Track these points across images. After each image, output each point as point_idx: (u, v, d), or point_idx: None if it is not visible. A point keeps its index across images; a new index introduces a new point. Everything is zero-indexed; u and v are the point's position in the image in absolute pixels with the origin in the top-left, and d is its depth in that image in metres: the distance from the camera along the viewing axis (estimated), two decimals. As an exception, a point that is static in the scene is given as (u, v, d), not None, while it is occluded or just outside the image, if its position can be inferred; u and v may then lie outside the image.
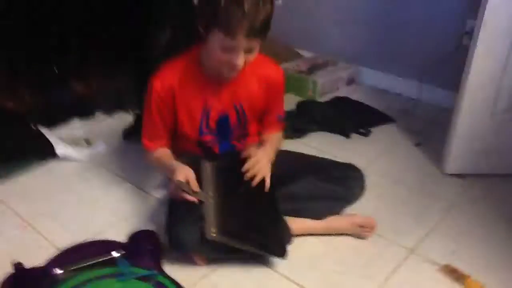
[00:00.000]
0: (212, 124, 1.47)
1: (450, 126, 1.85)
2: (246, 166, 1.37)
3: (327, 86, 2.57)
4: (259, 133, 1.59)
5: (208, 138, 1.49)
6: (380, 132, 2.21)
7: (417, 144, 2.11)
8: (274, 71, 1.49)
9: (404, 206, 1.69)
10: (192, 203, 1.29)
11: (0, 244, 1.40)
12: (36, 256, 1.31)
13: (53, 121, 2.10)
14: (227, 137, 1.51)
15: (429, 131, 2.23)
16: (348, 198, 1.51)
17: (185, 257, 1.35)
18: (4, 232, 1.46)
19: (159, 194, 1.69)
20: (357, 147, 2.08)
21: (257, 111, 1.52)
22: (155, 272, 1.21)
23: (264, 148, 1.45)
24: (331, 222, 1.49)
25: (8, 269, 1.20)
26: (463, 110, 1.77)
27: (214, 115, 1.45)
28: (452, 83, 2.31)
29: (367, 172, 1.56)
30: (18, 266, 1.19)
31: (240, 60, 1.27)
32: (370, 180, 1.55)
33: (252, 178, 1.36)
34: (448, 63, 2.34)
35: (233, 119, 1.48)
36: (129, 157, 1.89)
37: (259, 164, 1.37)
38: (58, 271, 1.22)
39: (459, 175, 1.88)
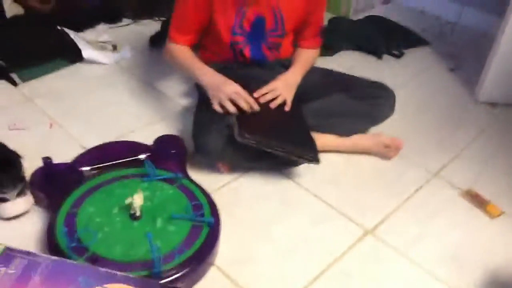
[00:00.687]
0: (247, 25, 1.42)
1: (488, 52, 1.77)
2: (262, 90, 1.35)
3: (362, 3, 2.46)
4: (296, 46, 1.55)
5: (240, 39, 1.44)
6: (413, 55, 2.14)
7: (451, 69, 2.04)
8: None
9: (431, 130, 1.66)
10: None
11: (29, 139, 1.43)
12: (63, 153, 1.34)
13: (80, 25, 2.07)
14: (260, 42, 1.47)
15: (464, 56, 2.14)
16: (376, 117, 1.48)
17: (209, 164, 1.37)
18: (33, 128, 1.49)
19: (184, 101, 1.68)
20: (389, 68, 2.02)
21: (296, 20, 1.46)
22: (179, 175, 1.23)
23: (290, 72, 1.42)
24: (357, 140, 1.48)
25: (37, 163, 1.22)
26: (506, 36, 1.68)
27: (250, 15, 1.40)
28: (496, 7, 2.18)
29: (397, 93, 1.51)
30: (47, 161, 1.22)
31: None
32: (400, 101, 1.51)
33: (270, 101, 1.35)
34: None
35: (269, 23, 1.43)
36: (156, 64, 1.87)
37: (277, 90, 1.35)
38: (85, 168, 1.24)
39: (491, 104, 1.83)
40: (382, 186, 1.40)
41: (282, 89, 1.38)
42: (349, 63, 2.00)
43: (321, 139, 1.44)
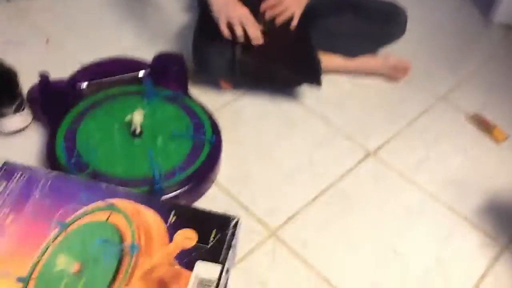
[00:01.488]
0: None
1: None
2: (270, 1, 1.27)
3: None
4: None
5: None
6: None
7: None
8: None
9: (441, 52, 1.61)
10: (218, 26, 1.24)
11: (25, 55, 1.39)
12: (60, 70, 1.30)
13: None
14: None
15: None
16: (386, 38, 1.42)
17: (211, 81, 1.34)
18: (29, 44, 1.44)
19: (185, 16, 1.62)
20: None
21: None
22: (180, 93, 1.20)
23: None
24: (364, 61, 1.43)
25: (34, 79, 1.19)
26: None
27: None
28: None
29: (409, 14, 1.44)
30: (44, 77, 1.18)
31: None
32: (410, 22, 1.43)
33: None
34: None
35: None
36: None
37: (286, 2, 1.28)
38: (84, 85, 1.21)
39: (506, 26, 1.75)
40: (387, 109, 1.37)
41: (292, 2, 1.31)
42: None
43: (328, 60, 1.39)
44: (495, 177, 1.21)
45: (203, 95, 1.28)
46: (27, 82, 1.20)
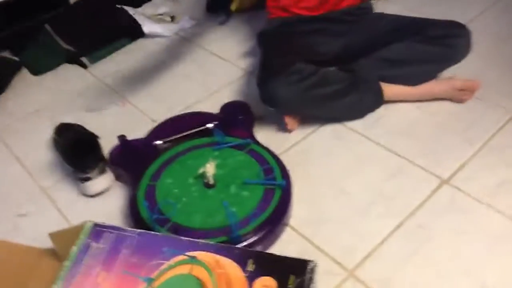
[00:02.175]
0: None
1: None
2: None
3: None
4: None
5: None
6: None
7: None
8: None
9: (510, 66, 1.54)
10: (285, 60, 1.29)
11: (104, 119, 1.51)
12: (136, 129, 1.40)
13: (138, 1, 2.11)
14: None
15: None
16: (450, 60, 1.38)
17: (276, 125, 1.38)
18: (105, 108, 1.56)
19: (245, 63, 1.68)
20: (457, 1, 1.86)
21: None
22: (248, 140, 1.25)
23: None
24: (428, 87, 1.40)
25: (113, 141, 1.29)
26: None
27: None
28: None
29: (470, 28, 1.39)
30: (122, 138, 1.28)
31: None
32: (473, 37, 1.40)
33: None
34: None
35: None
36: (215, 30, 1.87)
37: None
38: (158, 142, 1.29)
39: None
40: (457, 132, 1.33)
41: None
42: (408, 3, 1.86)
43: (391, 90, 1.39)
44: None
45: (270, 140, 1.31)
46: (107, 145, 1.30)
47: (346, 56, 1.45)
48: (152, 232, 1.00)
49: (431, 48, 1.36)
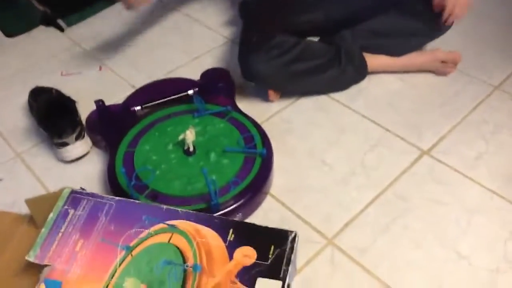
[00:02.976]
0: None
1: None
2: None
3: None
4: None
5: None
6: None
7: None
8: None
9: (491, 41, 1.55)
10: (265, 32, 1.27)
11: (81, 84, 1.46)
12: (114, 95, 1.37)
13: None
14: None
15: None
16: (431, 32, 1.38)
17: (258, 93, 1.36)
18: (83, 72, 1.51)
19: (227, 31, 1.65)
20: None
21: None
22: (229, 108, 1.23)
23: None
24: (412, 58, 1.40)
25: (91, 106, 1.26)
26: None
27: None
28: None
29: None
30: (99, 103, 1.24)
31: None
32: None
33: None
34: None
35: None
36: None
37: None
38: (137, 107, 1.26)
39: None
40: (439, 104, 1.34)
41: None
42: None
43: (374, 60, 1.38)
44: (561, 167, 1.16)
45: (251, 108, 1.29)
46: (85, 109, 1.26)
47: (329, 26, 1.43)
48: (131, 200, 0.99)
49: (413, 21, 1.35)
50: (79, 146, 1.20)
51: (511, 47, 1.52)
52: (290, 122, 1.31)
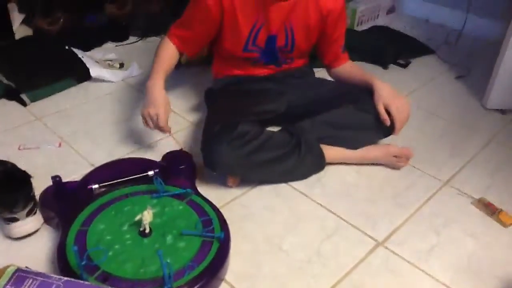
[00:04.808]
0: (260, 43, 1.43)
1: (494, 58, 1.76)
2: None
3: (366, 14, 2.47)
4: (329, 68, 1.59)
5: (254, 55, 1.46)
6: (419, 64, 2.14)
7: (458, 77, 2.04)
8: (333, 1, 1.42)
9: (441, 138, 1.65)
10: (228, 122, 1.30)
11: (39, 159, 1.44)
12: (72, 172, 1.35)
13: (88, 44, 2.10)
14: (272, 56, 1.49)
15: (471, 64, 2.14)
16: (385, 129, 1.45)
17: (218, 178, 1.37)
18: (42, 148, 1.49)
19: (193, 116, 1.69)
20: (396, 78, 2.01)
21: (308, 39, 1.47)
22: (189, 190, 1.23)
23: (378, 81, 1.44)
24: (366, 151, 1.47)
25: (47, 182, 1.23)
26: (512, 41, 1.68)
27: (262, 35, 1.42)
28: (501, 13, 2.19)
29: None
30: (56, 179, 1.22)
31: None
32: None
33: None
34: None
35: (280, 41, 1.44)
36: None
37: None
38: (94, 185, 1.24)
39: (500, 110, 1.81)
40: (393, 196, 1.39)
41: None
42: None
43: (329, 152, 1.43)
44: (506, 262, 1.19)
45: (211, 192, 1.30)
46: (40, 185, 1.23)
47: (290, 115, 1.51)
48: (80, 281, 0.94)
49: (368, 116, 1.44)
50: (30, 223, 1.16)
51: (459, 145, 1.62)
52: (248, 208, 1.31)
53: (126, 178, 1.26)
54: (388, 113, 1.40)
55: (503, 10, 2.16)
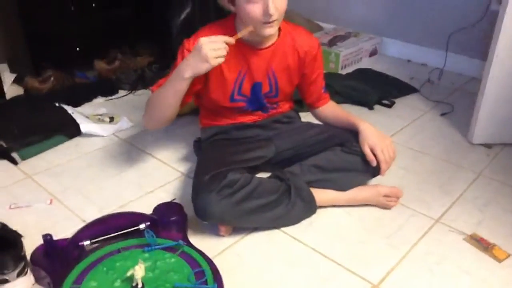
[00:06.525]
0: (245, 91, 1.47)
1: (477, 94, 1.80)
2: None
3: (350, 58, 2.54)
4: (312, 108, 1.62)
5: (240, 104, 1.49)
6: (404, 103, 2.18)
7: (443, 114, 2.08)
8: (308, 42, 1.47)
9: (429, 176, 1.67)
10: (217, 171, 1.32)
11: (30, 217, 1.44)
12: (64, 229, 1.35)
13: (78, 100, 2.14)
14: (258, 103, 1.52)
15: (454, 100, 2.19)
16: (374, 170, 1.47)
17: (210, 228, 1.37)
18: (33, 206, 1.49)
19: (182, 167, 1.70)
20: (381, 118, 2.05)
21: (290, 81, 1.51)
22: (180, 242, 1.23)
23: (362, 122, 1.47)
24: (356, 193, 1.48)
25: (38, 240, 1.22)
26: (492, 77, 1.72)
27: (247, 84, 1.45)
28: (479, 51, 2.26)
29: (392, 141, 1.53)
30: (47, 238, 1.21)
31: (271, 5, 1.24)
32: (395, 150, 1.52)
33: None
34: (475, 31, 2.28)
35: (265, 87, 1.48)
36: (153, 133, 1.90)
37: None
38: (86, 242, 1.24)
39: (485, 145, 1.84)
40: (385, 237, 1.39)
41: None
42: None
43: (320, 195, 1.44)
44: (504, 298, 1.19)
45: (203, 242, 1.30)
46: (31, 244, 1.23)
47: (279, 160, 1.53)
48: None
49: (355, 159, 1.46)
50: (20, 283, 1.15)
51: (447, 181, 1.64)
52: (242, 256, 1.31)
53: (118, 233, 1.26)
54: (374, 154, 1.42)
55: (480, 47, 2.24)
